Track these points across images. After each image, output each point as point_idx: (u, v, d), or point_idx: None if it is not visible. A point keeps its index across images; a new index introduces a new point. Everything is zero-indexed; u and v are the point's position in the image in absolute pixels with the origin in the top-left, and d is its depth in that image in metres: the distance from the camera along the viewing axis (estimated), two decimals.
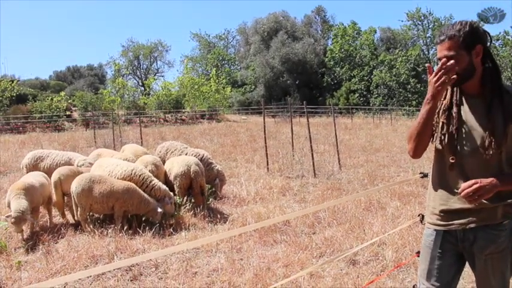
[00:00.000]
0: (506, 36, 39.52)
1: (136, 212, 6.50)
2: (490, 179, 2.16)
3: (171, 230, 6.28)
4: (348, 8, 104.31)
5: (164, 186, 6.91)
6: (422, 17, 50.09)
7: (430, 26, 49.85)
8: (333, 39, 53.71)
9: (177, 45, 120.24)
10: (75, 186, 6.29)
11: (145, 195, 6.51)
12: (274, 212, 7.13)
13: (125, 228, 6.23)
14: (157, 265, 5.07)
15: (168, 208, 6.70)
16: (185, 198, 7.34)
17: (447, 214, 2.40)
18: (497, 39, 39.69)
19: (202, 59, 60.95)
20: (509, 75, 35.80)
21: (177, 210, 7.03)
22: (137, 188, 6.51)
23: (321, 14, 57.34)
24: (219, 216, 6.93)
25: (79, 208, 6.34)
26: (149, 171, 7.27)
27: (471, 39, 2.22)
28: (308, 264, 4.93)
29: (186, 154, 8.74)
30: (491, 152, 2.22)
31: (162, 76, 62.32)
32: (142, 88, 52.38)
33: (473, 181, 2.15)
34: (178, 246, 3.19)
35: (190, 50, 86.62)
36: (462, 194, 2.17)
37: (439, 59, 2.25)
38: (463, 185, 2.19)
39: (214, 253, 5.45)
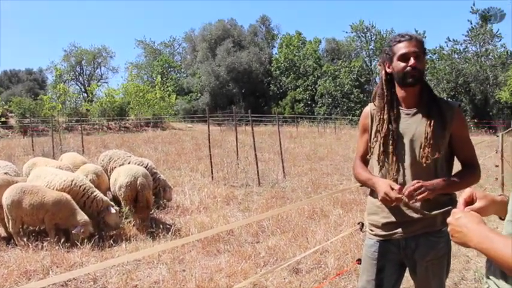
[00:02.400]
0: (442, 51, 41.20)
1: (65, 226, 6.16)
2: (430, 181, 2.26)
3: (111, 241, 6.08)
4: (293, 18, 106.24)
5: (106, 198, 6.69)
6: (366, 30, 51.52)
7: (372, 38, 51.31)
8: (278, 49, 54.31)
9: (122, 52, 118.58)
10: (5, 197, 5.96)
11: (78, 209, 6.17)
12: (218, 221, 7.06)
13: (62, 240, 5.94)
14: (95, 279, 4.88)
15: (112, 218, 6.46)
16: (127, 208, 7.11)
17: (390, 225, 2.46)
18: (434, 53, 41.33)
19: (148, 66, 59.97)
20: (445, 87, 37.36)
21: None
22: (71, 200, 6.18)
23: (265, 24, 57.85)
24: (161, 226, 6.77)
25: (10, 220, 6.01)
26: (90, 180, 7.02)
27: (424, 48, 2.37)
28: (251, 273, 4.89)
29: (129, 163, 8.51)
30: (429, 161, 2.31)
31: (106, 83, 60.67)
32: (85, 94, 50.91)
33: (415, 181, 2.23)
34: (118, 258, 3.07)
35: (136, 57, 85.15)
36: (406, 193, 2.22)
37: (405, 55, 2.32)
38: (406, 186, 2.26)
39: (155, 265, 5.31)
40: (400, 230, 2.42)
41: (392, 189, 2.25)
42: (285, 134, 24.24)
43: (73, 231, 6.00)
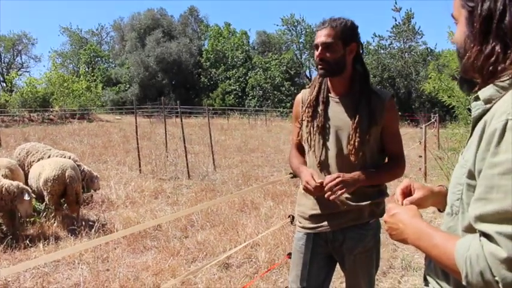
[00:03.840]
0: (369, 46, 42.56)
1: None
2: (352, 174, 2.19)
3: (28, 241, 5.60)
4: (222, 9, 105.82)
5: (17, 182, 6.06)
6: (296, 23, 52.19)
7: (303, 32, 52.08)
8: (208, 40, 53.79)
9: (45, 39, 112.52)
10: None
11: None
12: (145, 216, 6.78)
13: None
14: (7, 284, 4.47)
15: (24, 206, 5.76)
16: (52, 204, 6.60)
17: (317, 217, 2.38)
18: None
19: (74, 54, 57.37)
20: (372, 81, 38.64)
21: (36, 218, 6.37)
22: None
23: (193, 14, 57.12)
24: (84, 223, 6.36)
25: None
26: (3, 176, 6.47)
27: (349, 34, 2.24)
28: (179, 271, 4.70)
29: (49, 156, 7.96)
30: (353, 152, 2.23)
31: (28, 72, 57.32)
32: (4, 84, 47.93)
33: (336, 174, 2.15)
34: (33, 260, 2.78)
35: (60, 45, 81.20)
36: (326, 188, 2.13)
37: (316, 45, 2.25)
38: (327, 178, 2.17)
39: (76, 265, 4.97)
40: (327, 222, 2.35)
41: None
42: (215, 126, 24.04)
43: None
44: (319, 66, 2.26)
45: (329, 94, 2.36)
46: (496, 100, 1.09)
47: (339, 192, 2.13)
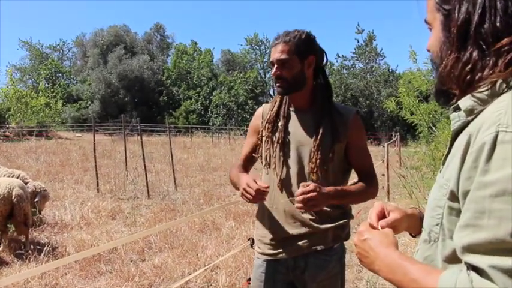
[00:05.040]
0: (332, 66, 43.41)
1: None
2: (327, 188, 1.96)
3: None
4: (189, 28, 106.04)
5: None
6: (260, 43, 52.71)
7: (266, 51, 52.62)
8: (172, 58, 53.56)
9: (2, 53, 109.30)
10: None
11: None
12: (100, 238, 6.43)
13: None
14: None
15: None
16: None
17: (277, 242, 2.19)
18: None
19: (33, 70, 55.99)
20: (335, 100, 39.42)
21: None
22: None
23: (160, 32, 56.88)
24: (32, 246, 5.96)
25: None
26: None
27: (305, 47, 2.09)
28: None
29: None
30: (315, 170, 2.07)
31: None
32: None
33: (313, 185, 1.88)
34: None
35: (19, 59, 79.06)
36: (299, 198, 1.88)
37: (272, 63, 2.11)
38: (301, 188, 1.90)
39: None
40: (287, 248, 2.16)
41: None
42: (178, 144, 23.73)
43: None
44: (277, 84, 2.12)
45: (290, 108, 2.22)
46: (478, 111, 0.94)
47: (313, 208, 1.95)
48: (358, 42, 43.60)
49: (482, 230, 0.82)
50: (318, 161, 2.07)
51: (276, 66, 2.09)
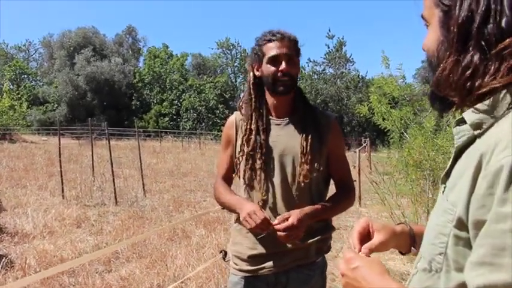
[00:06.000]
0: (303, 71, 43.61)
1: None
2: (304, 210, 1.89)
3: None
4: (160, 31, 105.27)
5: None
6: (231, 47, 52.63)
7: (237, 56, 52.56)
8: (144, 61, 52.97)
9: None
10: None
11: None
12: (64, 248, 6.13)
13: None
14: None
15: None
16: None
17: (257, 258, 2.04)
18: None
19: None
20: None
21: None
22: None
23: (132, 34, 56.20)
24: None
25: None
26: None
27: (298, 49, 2.04)
28: None
29: None
30: (307, 180, 1.96)
31: None
32: None
33: (290, 222, 1.83)
34: None
35: None
36: (280, 234, 1.83)
37: (273, 58, 1.95)
38: (281, 223, 1.84)
39: None
40: (269, 263, 2.02)
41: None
42: (147, 149, 23.37)
43: None
44: (283, 81, 1.96)
45: (270, 117, 2.07)
46: (487, 125, 0.82)
47: (297, 238, 1.88)
48: (328, 47, 44.04)
49: (502, 270, 0.69)
50: (307, 170, 1.96)
51: (284, 61, 1.94)
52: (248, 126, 2.04)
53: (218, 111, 46.48)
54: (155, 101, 48.52)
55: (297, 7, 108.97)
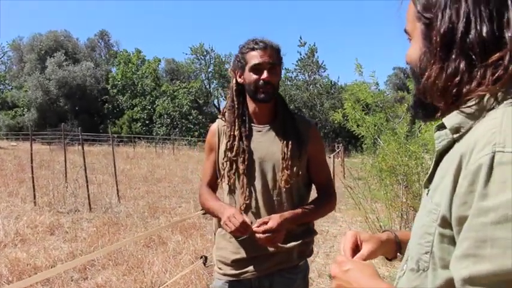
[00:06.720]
0: (287, 73, 44.16)
1: None
2: (284, 215, 1.95)
3: None
4: (134, 35, 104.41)
5: None
6: (205, 53, 52.48)
7: (211, 62, 52.45)
8: (116, 66, 52.34)
9: None
10: None
11: None
12: (38, 256, 6.04)
13: None
14: None
15: None
16: None
17: (241, 262, 2.08)
18: None
19: None
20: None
21: None
22: None
23: (104, 39, 55.56)
24: None
25: None
26: None
27: (280, 58, 2.09)
28: None
29: None
30: (288, 185, 2.02)
31: None
32: None
33: (270, 224, 1.88)
34: None
35: None
36: (259, 236, 1.88)
37: (258, 66, 1.99)
38: (259, 224, 1.90)
39: None
40: (252, 267, 2.07)
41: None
42: (121, 154, 23.12)
43: None
44: (265, 90, 2.00)
45: (252, 124, 2.12)
46: (466, 129, 0.87)
47: (277, 242, 1.93)
48: (300, 54, 44.48)
49: (485, 261, 0.74)
50: (288, 175, 2.01)
51: (266, 70, 1.99)
52: (232, 133, 2.08)
53: (192, 117, 46.23)
54: (127, 106, 47.98)
55: (269, 13, 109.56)
